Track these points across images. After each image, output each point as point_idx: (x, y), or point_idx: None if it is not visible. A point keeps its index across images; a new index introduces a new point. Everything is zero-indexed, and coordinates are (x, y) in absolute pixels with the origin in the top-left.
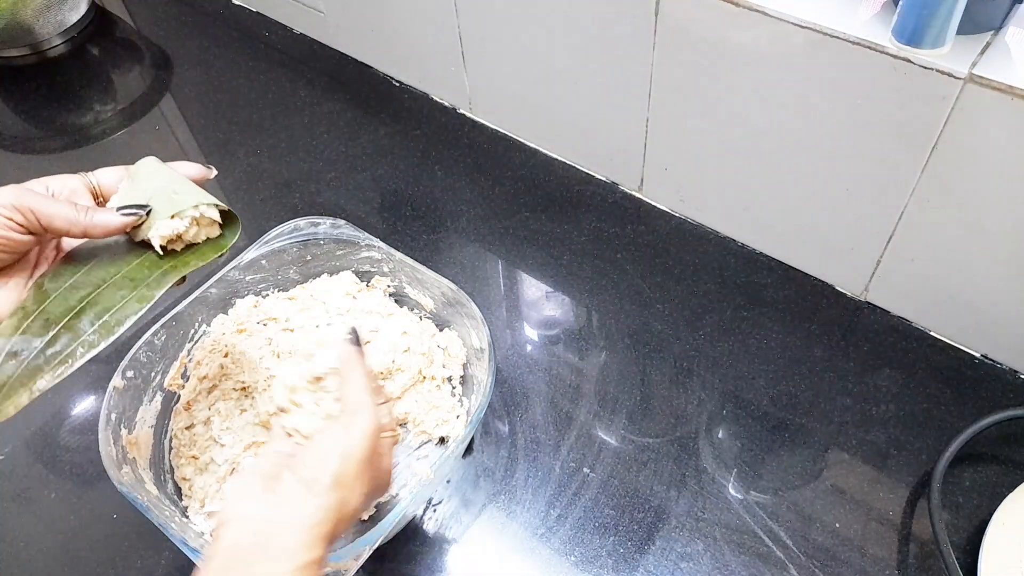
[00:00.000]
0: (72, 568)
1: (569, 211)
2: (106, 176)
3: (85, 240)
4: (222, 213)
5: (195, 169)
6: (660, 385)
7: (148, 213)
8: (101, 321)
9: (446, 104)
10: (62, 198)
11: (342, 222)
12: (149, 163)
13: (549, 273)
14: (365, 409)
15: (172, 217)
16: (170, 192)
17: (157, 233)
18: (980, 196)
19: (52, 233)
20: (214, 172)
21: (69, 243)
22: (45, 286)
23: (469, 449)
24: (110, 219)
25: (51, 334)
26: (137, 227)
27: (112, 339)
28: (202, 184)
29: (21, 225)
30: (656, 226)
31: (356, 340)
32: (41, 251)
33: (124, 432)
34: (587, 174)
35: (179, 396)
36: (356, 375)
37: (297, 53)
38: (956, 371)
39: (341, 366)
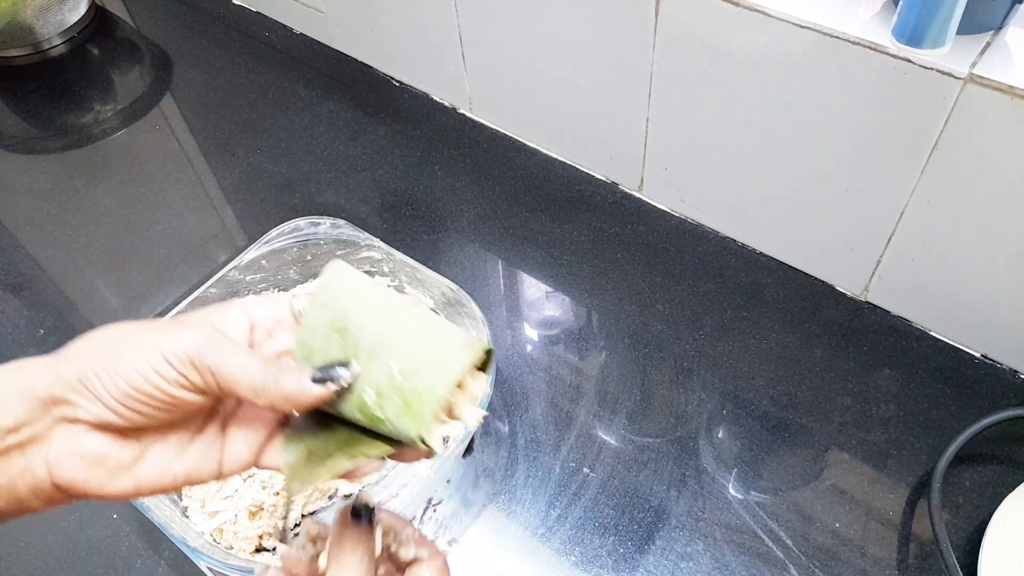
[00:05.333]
0: (72, 568)
1: (569, 211)
2: None
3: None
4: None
5: None
6: (660, 385)
7: (354, 377)
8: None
9: (446, 104)
10: (258, 332)
11: (342, 222)
12: (340, 272)
13: (549, 273)
14: None
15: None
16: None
17: (433, 433)
18: (980, 196)
19: (231, 397)
20: None
21: None
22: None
23: (469, 449)
24: (303, 392)
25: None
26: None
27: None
28: None
29: (195, 385)
30: (656, 226)
31: (365, 516)
32: (219, 401)
33: None
34: (587, 174)
35: None
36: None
37: (297, 53)
38: (956, 371)
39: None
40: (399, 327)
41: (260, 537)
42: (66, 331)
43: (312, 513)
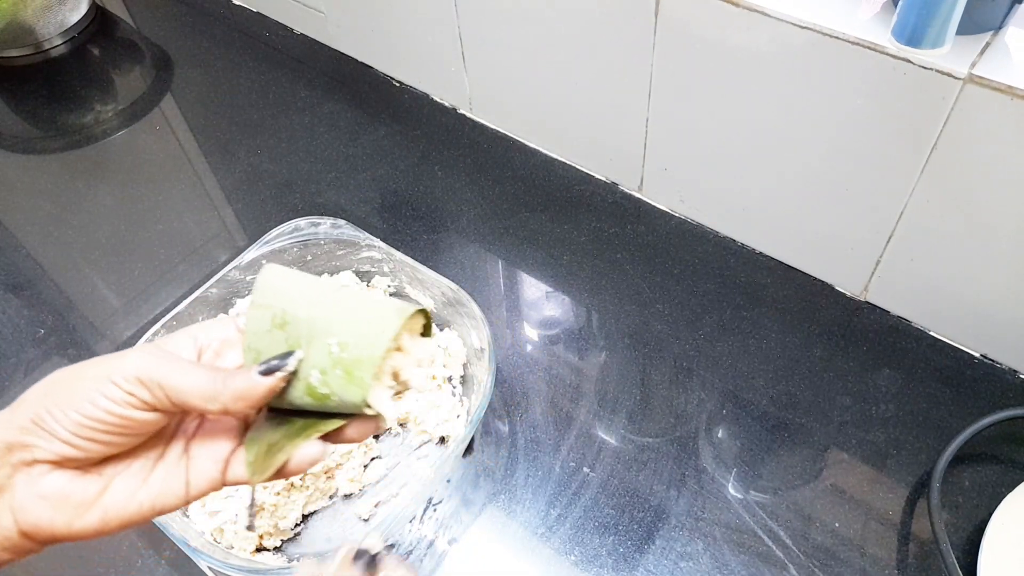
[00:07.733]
0: (73, 567)
1: (569, 211)
2: None
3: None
4: None
5: None
6: (660, 385)
7: (298, 362)
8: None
9: (446, 104)
10: (207, 355)
11: (342, 222)
12: (273, 273)
13: (549, 273)
14: None
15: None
16: (336, 317)
17: (380, 402)
18: (980, 196)
19: (186, 410)
20: None
21: None
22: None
23: (469, 449)
24: (253, 386)
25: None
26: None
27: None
28: None
29: (145, 403)
30: (656, 226)
31: (366, 560)
32: (180, 422)
33: None
34: (587, 174)
35: None
36: None
37: (297, 53)
38: (956, 371)
39: None
40: (334, 309)
41: (261, 537)
42: (66, 331)
43: (312, 513)
